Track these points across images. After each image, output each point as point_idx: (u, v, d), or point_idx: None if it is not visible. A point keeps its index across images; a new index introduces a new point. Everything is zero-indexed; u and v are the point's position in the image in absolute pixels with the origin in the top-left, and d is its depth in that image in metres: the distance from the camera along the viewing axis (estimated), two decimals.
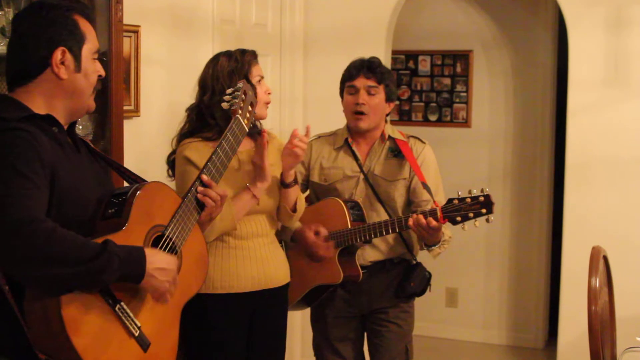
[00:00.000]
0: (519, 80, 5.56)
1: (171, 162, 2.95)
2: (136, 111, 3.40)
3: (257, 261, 2.90)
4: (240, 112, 2.55)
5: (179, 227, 2.23)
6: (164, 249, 2.17)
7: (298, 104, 4.75)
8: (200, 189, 2.37)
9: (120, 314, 2.00)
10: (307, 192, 3.44)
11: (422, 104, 5.75)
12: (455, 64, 5.70)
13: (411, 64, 5.76)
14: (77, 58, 2.08)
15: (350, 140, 3.31)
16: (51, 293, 1.87)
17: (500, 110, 5.61)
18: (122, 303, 2.01)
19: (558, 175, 5.25)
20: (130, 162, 3.13)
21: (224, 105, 2.57)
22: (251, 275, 2.89)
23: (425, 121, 5.72)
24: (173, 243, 2.19)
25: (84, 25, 2.11)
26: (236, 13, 4.22)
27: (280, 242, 3.25)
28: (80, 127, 2.91)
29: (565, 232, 4.36)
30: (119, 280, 1.95)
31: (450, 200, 2.95)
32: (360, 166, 3.27)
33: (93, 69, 2.13)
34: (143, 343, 2.06)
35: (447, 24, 5.66)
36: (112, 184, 2.29)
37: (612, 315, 2.96)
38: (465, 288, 5.72)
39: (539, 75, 5.51)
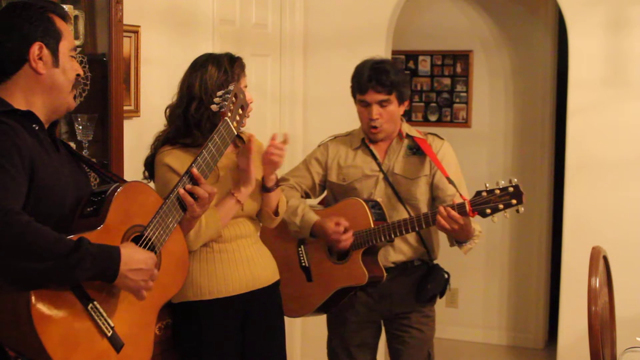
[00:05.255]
0: (519, 80, 5.57)
1: (149, 165, 2.86)
2: (136, 111, 3.40)
3: (243, 262, 2.86)
4: (229, 114, 2.49)
5: (159, 228, 2.20)
6: None
7: (298, 104, 4.75)
8: (188, 186, 2.33)
9: (93, 313, 1.98)
10: (324, 194, 3.37)
11: (422, 104, 5.75)
12: (455, 64, 5.70)
13: (411, 64, 5.76)
14: (55, 53, 2.09)
15: (367, 140, 3.24)
16: (21, 287, 1.85)
17: (500, 110, 5.61)
18: (95, 302, 1.98)
19: (558, 175, 5.25)
20: (130, 162, 3.13)
21: (214, 107, 2.51)
22: (239, 277, 2.85)
23: (425, 121, 5.72)
24: (152, 244, 2.16)
25: (60, 23, 2.13)
26: (236, 13, 4.22)
27: (299, 245, 3.23)
28: (81, 127, 2.91)
29: (565, 232, 4.36)
30: (91, 278, 1.93)
31: (478, 193, 2.88)
32: (379, 165, 3.20)
33: (71, 66, 2.14)
34: (116, 344, 2.03)
35: (447, 24, 5.65)
36: (90, 187, 2.26)
37: (612, 315, 2.96)
38: (465, 288, 5.72)
39: (539, 75, 5.51)
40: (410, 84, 3.33)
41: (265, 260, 2.97)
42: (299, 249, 3.24)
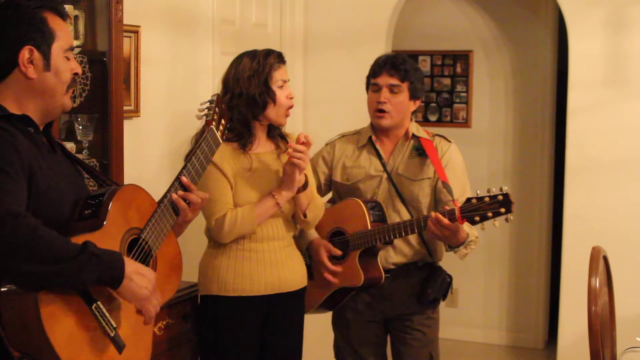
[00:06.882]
0: (519, 80, 5.57)
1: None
2: (136, 111, 3.39)
3: (272, 265, 2.89)
4: (214, 123, 2.52)
5: (155, 231, 2.20)
6: (140, 252, 2.15)
7: (298, 104, 4.73)
8: (180, 192, 2.32)
9: (97, 313, 1.98)
10: (330, 194, 3.37)
11: (422, 104, 5.75)
12: (455, 64, 5.70)
13: None
14: (46, 56, 2.04)
15: (374, 138, 3.22)
16: (27, 288, 1.85)
17: (500, 110, 5.61)
18: (99, 302, 1.99)
19: (558, 175, 5.25)
20: (130, 162, 3.13)
21: (197, 116, 2.54)
22: (265, 279, 2.87)
23: (425, 121, 5.71)
24: (149, 246, 2.17)
25: (55, 23, 2.06)
26: (236, 13, 4.21)
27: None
28: (80, 127, 2.91)
29: (565, 232, 4.36)
30: (97, 282, 1.93)
31: (468, 200, 2.85)
32: (383, 165, 3.18)
33: (65, 66, 2.08)
34: (118, 345, 2.04)
35: (447, 24, 5.66)
36: (86, 187, 2.26)
37: (612, 315, 2.96)
38: (465, 288, 5.71)
39: (539, 75, 5.51)
40: (422, 81, 3.27)
41: (295, 265, 2.98)
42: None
